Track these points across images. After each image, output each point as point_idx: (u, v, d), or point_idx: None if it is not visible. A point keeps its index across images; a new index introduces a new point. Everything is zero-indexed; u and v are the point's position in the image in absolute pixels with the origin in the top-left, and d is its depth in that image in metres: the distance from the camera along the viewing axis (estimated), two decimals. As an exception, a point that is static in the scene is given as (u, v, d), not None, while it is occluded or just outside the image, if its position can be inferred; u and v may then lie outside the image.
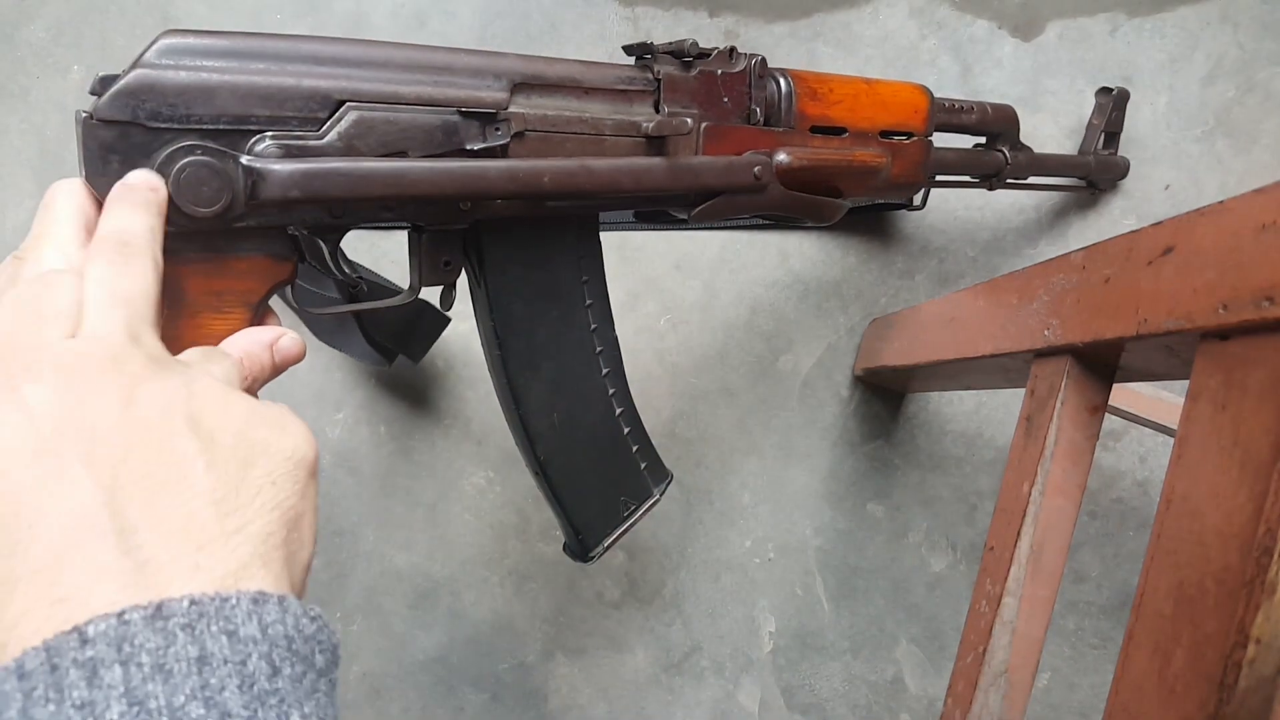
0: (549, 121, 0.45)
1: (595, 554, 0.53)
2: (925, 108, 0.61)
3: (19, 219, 0.82)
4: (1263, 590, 0.28)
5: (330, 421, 0.80)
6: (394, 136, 0.41)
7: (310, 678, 0.26)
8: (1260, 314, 0.30)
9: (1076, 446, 0.47)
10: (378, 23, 0.82)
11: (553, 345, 0.50)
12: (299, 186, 0.38)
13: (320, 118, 0.39)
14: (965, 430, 0.82)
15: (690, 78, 0.50)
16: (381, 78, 0.41)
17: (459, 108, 0.42)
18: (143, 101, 0.36)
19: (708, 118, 0.51)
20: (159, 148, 0.36)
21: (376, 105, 0.40)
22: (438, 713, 0.81)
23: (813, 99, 0.55)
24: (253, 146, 0.38)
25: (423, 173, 0.41)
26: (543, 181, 0.43)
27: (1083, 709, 0.81)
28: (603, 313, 0.52)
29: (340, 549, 0.81)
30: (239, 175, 0.37)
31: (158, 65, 0.37)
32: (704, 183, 0.50)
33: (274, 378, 0.39)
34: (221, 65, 0.38)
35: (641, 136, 0.48)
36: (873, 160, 0.57)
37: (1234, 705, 0.29)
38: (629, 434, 0.54)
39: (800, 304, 0.81)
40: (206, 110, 0.37)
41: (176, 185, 0.36)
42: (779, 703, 0.82)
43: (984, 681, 0.46)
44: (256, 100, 0.38)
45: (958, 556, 0.82)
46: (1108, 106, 0.77)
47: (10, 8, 0.82)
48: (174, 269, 0.37)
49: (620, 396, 0.53)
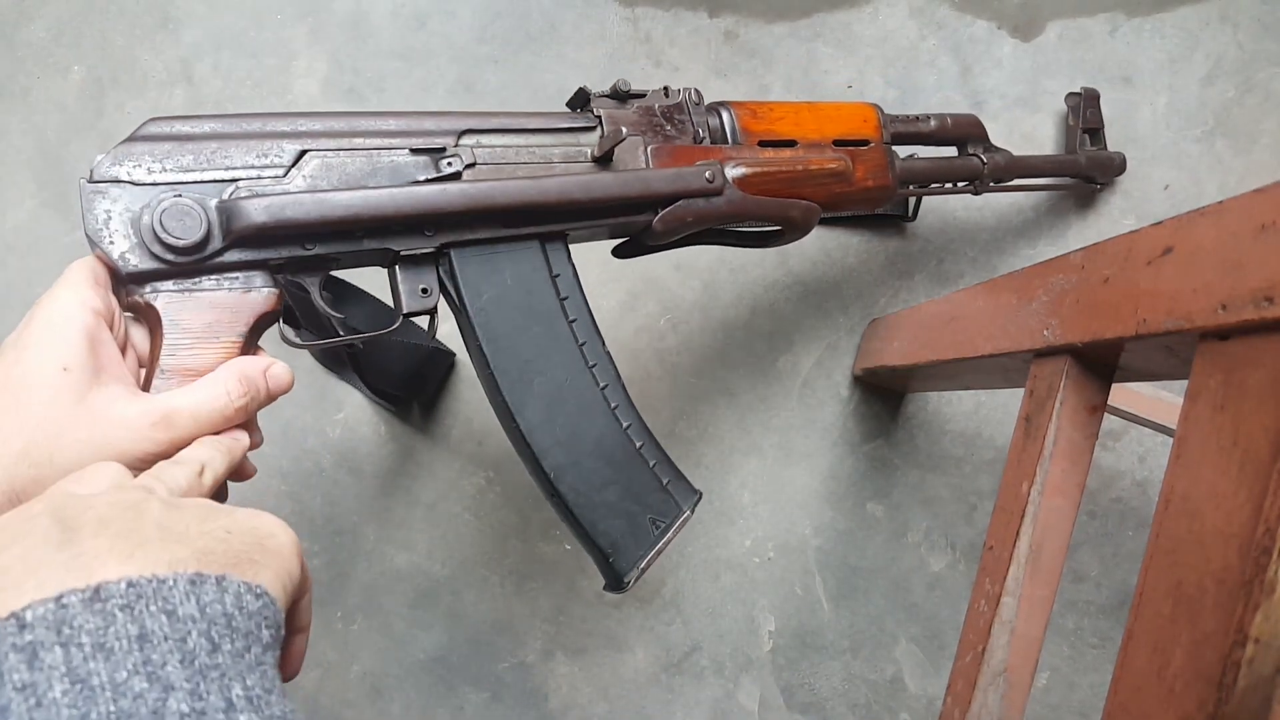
0: (498, 154, 0.50)
1: (630, 578, 0.52)
2: (874, 117, 0.63)
3: (19, 219, 0.82)
4: (1261, 590, 0.28)
5: (330, 421, 0.80)
6: (353, 176, 0.47)
7: (255, 652, 0.26)
8: (1260, 314, 0.30)
9: (1075, 446, 0.47)
10: (378, 23, 0.82)
11: (541, 361, 0.52)
12: (267, 213, 0.43)
13: (285, 165, 0.45)
14: (965, 430, 0.82)
15: (629, 111, 0.54)
16: (341, 140, 0.47)
17: (410, 148, 0.48)
18: (131, 163, 0.43)
19: (653, 141, 0.54)
20: (146, 199, 0.42)
21: (335, 150, 0.46)
22: (438, 712, 0.81)
23: (754, 118, 0.58)
24: (227, 194, 0.44)
25: (383, 196, 0.45)
26: (495, 197, 0.47)
27: (1082, 708, 0.81)
28: (588, 328, 0.53)
29: (340, 549, 0.81)
30: (215, 212, 0.43)
31: (145, 137, 0.44)
32: (655, 189, 0.52)
33: (269, 403, 0.44)
34: (199, 134, 0.45)
35: (589, 161, 0.51)
36: (831, 164, 0.59)
37: (1233, 705, 0.29)
38: (642, 449, 0.53)
39: (800, 304, 0.81)
40: (186, 166, 0.44)
41: (160, 217, 0.42)
42: (779, 702, 0.82)
43: (983, 681, 0.46)
44: (230, 155, 0.45)
45: (957, 556, 0.82)
46: (1079, 106, 0.78)
47: (10, 8, 0.82)
48: (169, 305, 0.43)
49: (624, 410, 0.53)
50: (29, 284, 0.81)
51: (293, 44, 0.82)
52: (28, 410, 0.36)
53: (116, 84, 0.82)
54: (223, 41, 0.82)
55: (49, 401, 0.37)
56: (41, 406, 0.36)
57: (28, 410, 0.36)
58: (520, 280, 0.51)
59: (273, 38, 0.82)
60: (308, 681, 0.81)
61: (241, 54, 0.82)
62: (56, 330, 0.38)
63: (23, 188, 0.82)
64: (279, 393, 0.45)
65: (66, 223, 0.81)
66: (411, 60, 0.82)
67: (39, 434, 0.36)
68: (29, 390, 0.37)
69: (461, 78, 0.81)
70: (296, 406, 0.79)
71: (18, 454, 0.36)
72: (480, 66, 0.81)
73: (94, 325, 0.39)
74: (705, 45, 0.81)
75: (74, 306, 0.39)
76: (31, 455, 0.36)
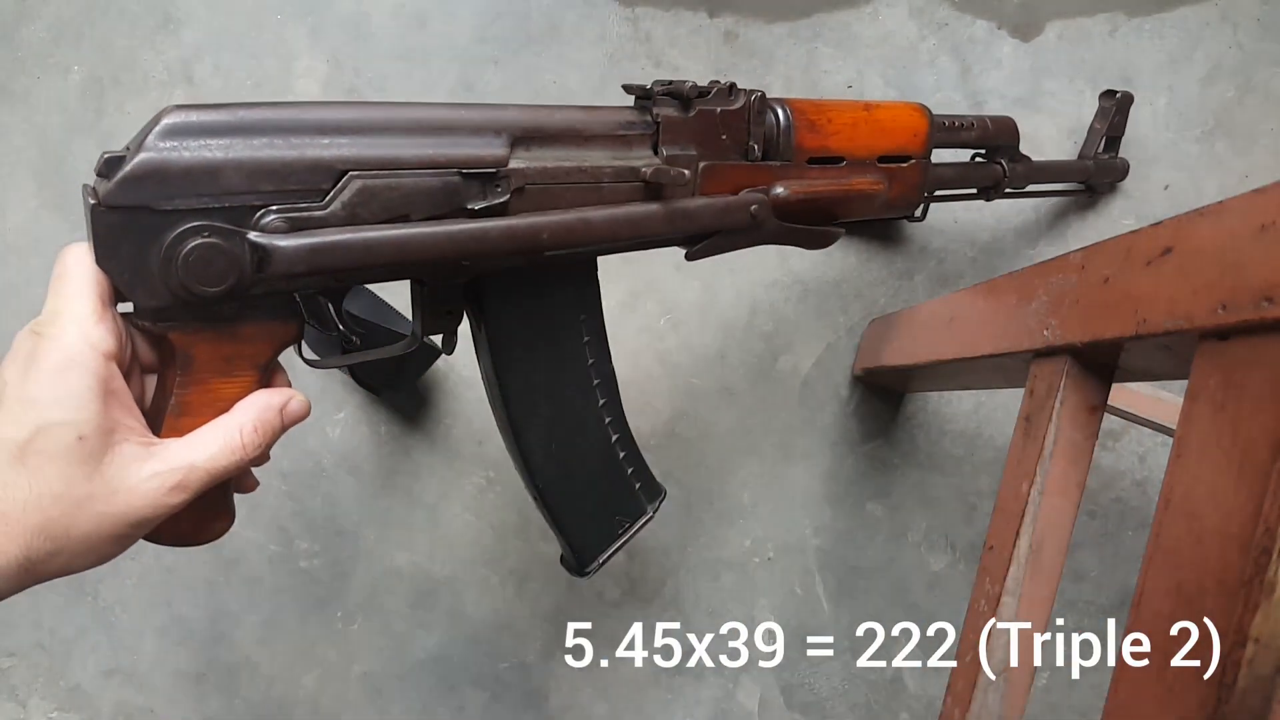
0: (548, 174, 0.45)
1: (591, 570, 0.54)
2: (924, 130, 0.61)
3: (19, 219, 0.82)
4: (1261, 590, 0.28)
5: (331, 421, 0.80)
6: (396, 201, 0.41)
7: None
8: (1259, 314, 0.30)
9: (1075, 446, 0.47)
10: (378, 22, 0.82)
11: (551, 384, 0.52)
12: (305, 262, 0.38)
13: (324, 189, 0.40)
14: (964, 430, 0.82)
15: (689, 118, 0.50)
16: (383, 143, 0.41)
17: (460, 168, 0.43)
18: (149, 186, 0.37)
19: (706, 156, 0.51)
20: (167, 229, 0.37)
21: (379, 173, 0.41)
22: (438, 712, 0.81)
23: (811, 130, 0.55)
24: (259, 220, 0.39)
25: (425, 238, 0.41)
26: (541, 238, 0.44)
27: (1082, 708, 0.81)
28: (600, 348, 0.53)
29: (341, 549, 0.81)
30: (245, 252, 0.38)
31: (162, 148, 0.37)
32: (700, 225, 0.50)
33: (281, 435, 0.42)
34: (224, 142, 0.38)
35: (639, 181, 0.48)
36: (870, 187, 0.58)
37: (1233, 705, 0.29)
38: (624, 457, 0.55)
39: (800, 304, 0.81)
40: (212, 189, 0.38)
41: (185, 266, 0.37)
42: (779, 702, 0.82)
43: (983, 681, 0.46)
44: (261, 176, 0.38)
45: (957, 556, 0.82)
46: (1111, 111, 0.76)
47: (10, 8, 0.82)
48: (184, 338, 0.39)
49: (616, 423, 0.54)
50: (29, 284, 0.81)
51: (293, 44, 0.82)
52: (45, 485, 0.35)
53: (117, 84, 0.82)
54: (223, 42, 0.82)
55: (66, 477, 0.36)
56: (59, 482, 0.36)
57: (45, 485, 0.35)
58: (544, 302, 0.50)
59: (273, 38, 0.82)
60: (308, 681, 0.81)
61: (242, 54, 0.82)
62: (68, 386, 0.36)
63: (23, 188, 0.82)
64: (294, 424, 0.43)
65: (67, 223, 0.81)
66: (412, 60, 0.82)
67: (55, 510, 0.36)
68: (44, 463, 0.35)
69: (462, 78, 0.81)
70: (297, 406, 0.79)
71: (35, 529, 0.35)
72: (480, 67, 0.81)
73: (106, 374, 0.37)
74: (705, 45, 0.81)
75: (84, 352, 0.36)
76: (49, 530, 0.35)
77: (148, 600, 0.81)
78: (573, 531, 0.54)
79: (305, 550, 0.81)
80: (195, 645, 0.81)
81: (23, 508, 0.35)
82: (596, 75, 0.81)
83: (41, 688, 0.82)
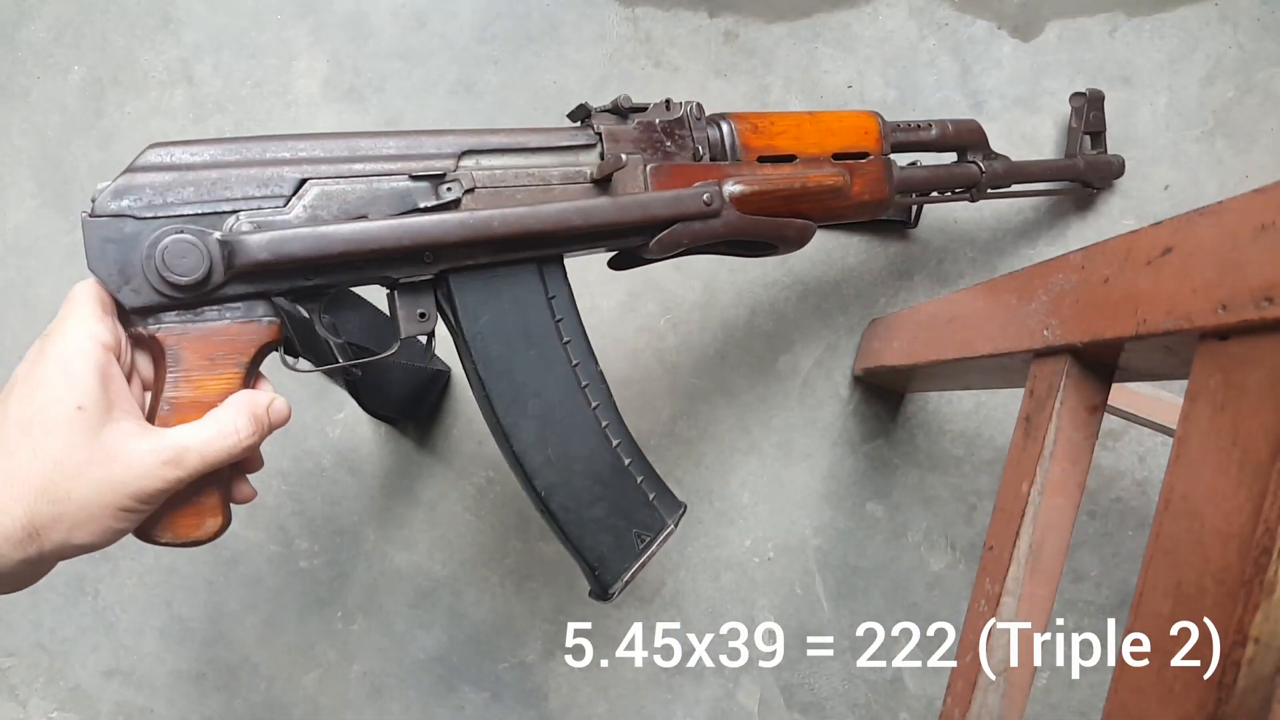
0: (497, 178, 0.49)
1: (615, 590, 0.54)
2: (875, 128, 0.62)
3: (19, 219, 0.82)
4: (1261, 590, 0.28)
5: (330, 421, 0.80)
6: (353, 204, 0.47)
7: None
8: (1259, 314, 0.30)
9: (1075, 446, 0.47)
10: (378, 23, 0.82)
11: (536, 383, 0.52)
12: (267, 250, 0.44)
13: (285, 195, 0.46)
14: (964, 430, 0.82)
15: (630, 128, 0.53)
16: (339, 156, 0.47)
17: (410, 174, 0.48)
18: (129, 197, 0.43)
19: (653, 160, 0.53)
20: (147, 233, 0.43)
21: (335, 179, 0.47)
22: (438, 712, 0.81)
23: (754, 132, 0.57)
24: (229, 225, 0.44)
25: (381, 229, 0.45)
26: (493, 226, 0.47)
27: (1082, 709, 0.81)
28: (582, 349, 0.54)
29: (341, 548, 0.81)
30: (216, 248, 0.44)
31: (144, 168, 0.44)
32: (653, 214, 0.52)
33: (268, 436, 0.46)
34: (199, 162, 0.45)
35: (588, 182, 0.51)
36: (829, 180, 0.58)
37: (1233, 705, 0.29)
38: (631, 465, 0.55)
39: (800, 304, 0.81)
40: (186, 198, 0.44)
41: (162, 259, 0.43)
42: (779, 702, 0.82)
43: (983, 681, 0.46)
44: (230, 185, 0.45)
45: (957, 556, 0.82)
46: (1083, 109, 0.77)
47: (10, 8, 0.82)
48: (172, 337, 0.44)
49: (615, 429, 0.54)
50: (29, 284, 0.81)
51: (293, 44, 0.82)
52: (46, 450, 0.39)
53: (117, 84, 0.82)
54: (223, 42, 0.82)
55: (66, 441, 0.39)
56: (59, 446, 0.39)
57: (46, 450, 0.39)
58: (517, 303, 0.52)
59: (273, 38, 0.82)
60: (308, 681, 0.81)
61: (242, 54, 0.82)
62: (70, 368, 0.40)
63: (23, 188, 0.82)
64: (279, 426, 0.47)
65: (66, 222, 0.81)
66: (411, 60, 0.82)
67: (57, 474, 0.39)
68: (46, 430, 0.39)
69: (461, 78, 0.81)
70: (296, 406, 0.79)
71: (38, 492, 0.38)
72: (480, 66, 0.81)
73: (104, 361, 0.41)
74: (705, 45, 0.81)
75: (85, 341, 0.41)
76: (51, 493, 0.38)
77: (148, 600, 0.81)
78: (586, 546, 0.53)
79: (305, 550, 0.81)
80: (195, 645, 0.81)
81: (26, 471, 0.38)
82: (596, 75, 0.81)
83: (41, 688, 0.82)
